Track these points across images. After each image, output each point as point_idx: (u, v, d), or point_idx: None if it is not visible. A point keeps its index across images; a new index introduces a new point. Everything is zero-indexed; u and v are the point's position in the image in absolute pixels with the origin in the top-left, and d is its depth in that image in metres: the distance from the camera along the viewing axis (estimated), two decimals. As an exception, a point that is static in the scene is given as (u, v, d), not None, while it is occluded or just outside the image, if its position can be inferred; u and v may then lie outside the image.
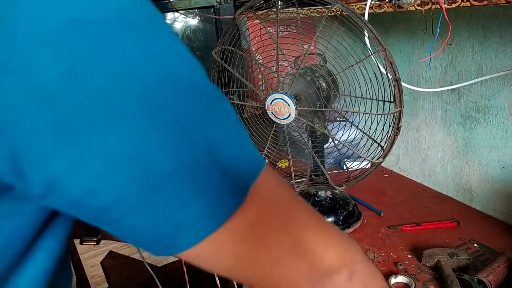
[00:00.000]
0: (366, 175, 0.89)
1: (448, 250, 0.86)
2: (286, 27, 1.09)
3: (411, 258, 0.89)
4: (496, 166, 0.99)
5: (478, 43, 0.94)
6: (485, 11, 0.91)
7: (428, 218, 1.03)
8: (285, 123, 0.90)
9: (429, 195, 1.15)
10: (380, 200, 1.14)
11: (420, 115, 1.16)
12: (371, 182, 1.24)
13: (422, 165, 1.21)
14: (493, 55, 0.92)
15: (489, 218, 1.01)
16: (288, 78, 0.89)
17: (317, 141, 0.98)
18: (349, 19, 0.75)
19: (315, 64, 0.95)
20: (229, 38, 0.97)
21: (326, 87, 0.90)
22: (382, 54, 0.75)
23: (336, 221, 1.01)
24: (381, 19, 1.18)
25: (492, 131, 0.97)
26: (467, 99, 1.01)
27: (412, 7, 0.77)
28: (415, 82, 1.13)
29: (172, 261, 1.59)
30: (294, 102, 0.85)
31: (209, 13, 1.53)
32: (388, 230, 1.00)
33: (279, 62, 0.87)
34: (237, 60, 0.99)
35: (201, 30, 1.59)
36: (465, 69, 0.99)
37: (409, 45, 1.13)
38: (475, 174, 1.05)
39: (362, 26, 0.75)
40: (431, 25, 0.86)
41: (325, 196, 1.05)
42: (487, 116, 0.97)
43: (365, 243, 0.96)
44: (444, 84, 1.05)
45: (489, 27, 0.91)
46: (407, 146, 1.25)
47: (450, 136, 1.09)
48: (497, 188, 1.00)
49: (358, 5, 0.90)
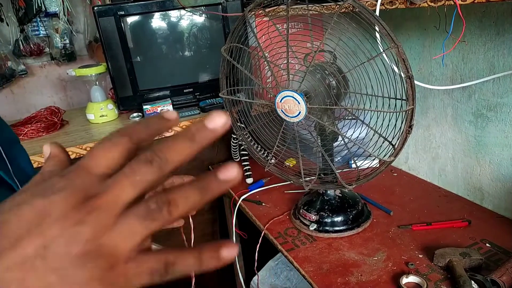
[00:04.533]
0: (377, 174, 0.88)
1: (459, 249, 0.85)
2: (295, 24, 1.08)
3: (422, 257, 0.88)
4: (508, 164, 0.98)
5: (491, 40, 0.93)
6: (498, 8, 0.89)
7: (439, 218, 1.02)
8: (295, 121, 0.89)
9: (439, 194, 1.14)
10: (389, 199, 1.13)
11: (430, 113, 1.15)
12: (380, 181, 1.23)
13: (432, 164, 1.20)
14: (506, 52, 0.91)
15: (501, 218, 1.00)
16: (298, 76, 0.88)
17: (326, 139, 0.97)
18: (360, 15, 0.74)
19: (325, 61, 0.94)
20: (238, 35, 0.96)
21: (337, 85, 0.89)
22: (394, 51, 0.74)
23: (346, 220, 1.00)
24: (390, 16, 1.16)
25: (505, 129, 0.96)
26: (479, 97, 1.00)
27: (425, 3, 0.76)
28: (426, 80, 1.12)
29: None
30: (305, 100, 0.84)
31: (217, 11, 1.52)
32: (398, 229, 0.99)
33: (288, 59, 0.86)
34: (245, 58, 0.98)
35: (208, 28, 1.58)
36: (477, 67, 0.98)
37: (419, 42, 1.11)
38: (487, 173, 1.04)
39: (374, 23, 0.74)
40: (444, 22, 0.85)
41: (334, 195, 1.04)
42: (499, 114, 0.96)
43: (375, 243, 0.95)
44: (455, 81, 1.04)
45: (502, 24, 0.89)
46: (417, 145, 1.23)
47: (460, 135, 1.08)
48: (509, 187, 0.99)
49: (369, 1, 0.89)
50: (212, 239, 1.69)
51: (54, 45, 2.21)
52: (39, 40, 2.18)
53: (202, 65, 1.62)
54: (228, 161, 1.61)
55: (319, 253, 0.94)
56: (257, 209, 1.18)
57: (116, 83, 1.54)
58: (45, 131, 1.52)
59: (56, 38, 2.20)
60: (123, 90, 1.55)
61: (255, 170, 1.36)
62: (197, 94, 1.62)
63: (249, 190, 1.28)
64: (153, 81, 1.58)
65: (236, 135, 1.11)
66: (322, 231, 1.00)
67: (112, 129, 1.50)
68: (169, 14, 1.53)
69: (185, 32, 1.57)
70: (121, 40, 1.48)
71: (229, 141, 1.43)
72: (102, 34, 1.46)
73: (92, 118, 1.60)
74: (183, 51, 1.60)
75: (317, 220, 1.01)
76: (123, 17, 1.47)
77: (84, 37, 2.32)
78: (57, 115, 1.59)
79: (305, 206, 1.06)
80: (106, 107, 1.60)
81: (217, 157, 1.56)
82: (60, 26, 2.17)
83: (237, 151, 1.41)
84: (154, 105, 1.51)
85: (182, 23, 1.56)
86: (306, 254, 0.94)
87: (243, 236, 1.40)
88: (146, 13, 1.51)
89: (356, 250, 0.93)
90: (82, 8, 2.26)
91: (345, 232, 1.00)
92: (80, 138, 1.43)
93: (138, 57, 1.54)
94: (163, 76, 1.59)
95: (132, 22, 1.51)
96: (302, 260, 0.92)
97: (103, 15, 1.44)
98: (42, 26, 2.16)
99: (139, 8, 1.48)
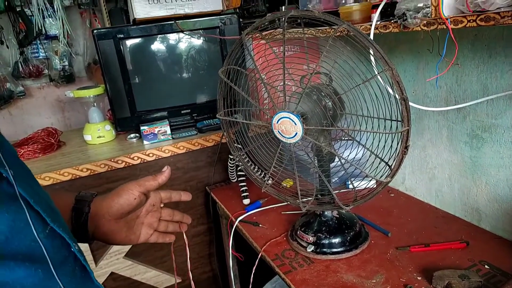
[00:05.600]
0: (374, 195, 0.88)
1: (458, 271, 0.84)
2: (291, 47, 1.11)
3: (421, 280, 0.87)
4: (504, 185, 0.98)
5: (483, 63, 0.95)
6: (489, 31, 0.92)
7: (437, 239, 1.01)
8: (292, 142, 0.89)
9: (437, 215, 1.14)
10: (387, 220, 1.13)
11: (425, 134, 1.16)
12: (377, 201, 1.23)
13: (428, 184, 1.20)
14: (498, 75, 0.92)
15: (499, 239, 1.00)
16: (294, 97, 0.89)
17: (323, 160, 0.97)
18: (355, 39, 0.76)
19: (321, 83, 0.95)
20: (235, 58, 0.98)
21: (333, 106, 0.90)
22: (389, 74, 0.75)
23: (343, 242, 1.00)
24: (385, 39, 1.19)
25: (500, 150, 0.96)
26: (473, 118, 1.01)
27: (418, 27, 0.78)
28: (420, 101, 1.13)
29: (173, 283, 1.56)
30: (301, 121, 0.85)
31: (214, 34, 1.55)
32: (397, 251, 0.98)
33: (285, 81, 0.87)
34: (242, 80, 0.99)
35: (206, 50, 1.61)
36: (471, 88, 0.99)
37: (413, 65, 1.13)
38: (483, 194, 1.04)
39: (369, 46, 0.75)
40: (437, 45, 0.86)
41: (331, 216, 1.03)
42: (494, 135, 0.97)
43: (373, 265, 0.94)
44: (449, 103, 1.05)
45: (494, 47, 0.91)
46: (413, 165, 1.24)
47: (456, 155, 1.08)
48: (506, 208, 0.99)
49: (363, 25, 0.91)
50: (209, 261, 1.67)
51: (53, 67, 2.23)
52: (39, 62, 2.20)
53: (200, 87, 1.64)
54: (225, 182, 1.62)
55: (317, 276, 0.93)
56: (254, 230, 1.17)
57: (114, 104, 1.55)
58: (42, 152, 1.52)
59: (55, 60, 2.22)
60: (121, 111, 1.56)
61: (252, 191, 1.36)
62: (195, 115, 1.63)
63: (246, 211, 1.28)
64: (151, 102, 1.59)
65: (233, 155, 1.11)
66: (319, 253, 0.99)
67: (109, 150, 1.50)
68: (168, 37, 1.56)
69: (183, 54, 1.59)
70: (120, 62, 1.50)
71: (226, 161, 1.44)
72: (101, 57, 1.48)
73: (89, 139, 1.61)
74: (181, 73, 1.62)
75: (315, 241, 1.01)
76: (122, 40, 1.49)
77: (83, 59, 2.35)
78: (54, 136, 1.59)
79: (302, 227, 1.05)
80: (103, 128, 1.61)
81: (214, 177, 1.56)
82: (60, 49, 2.20)
83: (234, 172, 1.41)
84: (152, 126, 1.52)
85: (180, 45, 1.59)
86: (304, 277, 0.93)
87: (240, 258, 1.38)
88: (145, 36, 1.53)
89: (354, 273, 0.92)
90: (81, 31, 2.30)
91: (343, 253, 0.99)
92: (77, 159, 1.43)
93: (136, 78, 1.56)
94: (161, 97, 1.60)
95: (131, 44, 1.53)
96: (299, 283, 0.91)
97: (103, 38, 1.46)
98: (41, 48, 2.19)
99: (139, 31, 1.51)
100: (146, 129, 1.51)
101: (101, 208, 0.68)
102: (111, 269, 1.46)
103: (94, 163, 1.36)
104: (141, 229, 0.73)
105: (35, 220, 0.43)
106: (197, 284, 1.18)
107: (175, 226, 0.79)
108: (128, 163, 1.41)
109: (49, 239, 0.44)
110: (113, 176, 1.41)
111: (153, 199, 0.74)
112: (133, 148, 1.48)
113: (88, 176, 1.36)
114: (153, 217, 0.75)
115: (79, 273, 0.49)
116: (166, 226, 0.77)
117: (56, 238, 0.46)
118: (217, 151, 1.52)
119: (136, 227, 0.73)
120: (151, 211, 0.74)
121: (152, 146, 1.48)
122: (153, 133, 1.51)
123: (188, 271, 0.82)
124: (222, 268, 1.67)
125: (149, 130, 1.51)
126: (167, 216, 0.77)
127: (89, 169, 1.36)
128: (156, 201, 0.74)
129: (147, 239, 0.74)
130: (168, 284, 1.56)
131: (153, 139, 1.52)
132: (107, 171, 1.39)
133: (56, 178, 1.31)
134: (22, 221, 0.42)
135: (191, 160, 1.52)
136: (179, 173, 1.50)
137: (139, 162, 1.43)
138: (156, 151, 1.45)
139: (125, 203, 0.68)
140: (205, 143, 1.52)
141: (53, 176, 1.31)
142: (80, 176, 1.35)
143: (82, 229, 0.66)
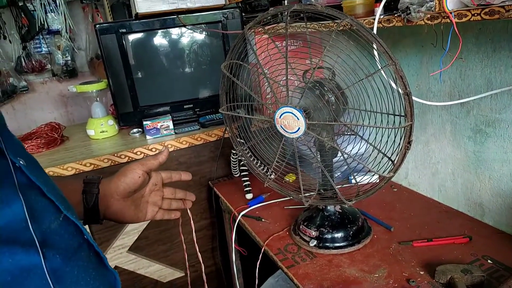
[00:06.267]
0: (377, 189, 0.88)
1: (461, 266, 0.84)
2: (293, 41, 1.10)
3: (424, 274, 0.87)
4: (508, 180, 0.98)
5: (487, 57, 0.94)
6: (494, 25, 0.91)
7: (439, 234, 1.01)
8: (294, 137, 0.89)
9: (440, 210, 1.14)
10: (389, 215, 1.13)
11: (429, 129, 1.15)
12: (380, 196, 1.23)
13: (431, 179, 1.20)
14: (502, 69, 0.92)
15: (502, 234, 0.99)
16: (297, 92, 0.89)
17: (326, 155, 0.97)
18: (358, 33, 0.75)
19: (323, 78, 0.95)
20: (237, 52, 0.97)
21: (335, 101, 0.89)
22: (392, 68, 0.74)
23: (346, 236, 1.00)
24: (388, 33, 1.18)
25: (503, 145, 0.96)
26: (477, 113, 1.00)
27: (422, 21, 0.77)
28: (424, 96, 1.13)
29: (177, 277, 1.57)
30: (304, 116, 0.85)
31: (217, 28, 1.55)
32: (399, 245, 0.99)
33: (287, 76, 0.87)
34: (245, 75, 0.99)
35: (208, 45, 1.60)
36: (474, 83, 0.99)
37: (417, 59, 1.13)
38: (487, 189, 1.03)
39: (372, 41, 0.75)
40: (441, 39, 0.86)
41: (334, 211, 1.03)
42: (498, 129, 0.96)
43: (376, 259, 0.94)
44: (453, 97, 1.05)
45: (498, 41, 0.91)
46: (416, 160, 1.23)
47: (460, 150, 1.08)
48: (509, 203, 0.98)
49: (367, 19, 0.90)
50: (212, 256, 1.68)
51: (55, 62, 2.23)
52: (41, 57, 2.20)
53: (202, 82, 1.63)
54: (228, 176, 1.61)
55: (320, 270, 0.93)
56: (257, 225, 1.18)
57: (116, 99, 1.55)
58: (45, 146, 1.52)
59: (58, 55, 2.22)
60: (123, 106, 1.56)
61: (255, 186, 1.36)
62: (197, 110, 1.63)
63: (249, 206, 1.28)
64: (153, 97, 1.59)
65: (236, 150, 1.11)
66: (322, 248, 1.00)
67: (112, 145, 1.50)
68: (170, 32, 1.55)
69: (185, 49, 1.59)
70: (122, 57, 1.50)
71: (228, 156, 1.44)
72: (104, 51, 1.48)
73: (93, 134, 1.61)
74: (183, 68, 1.62)
75: (317, 236, 1.01)
76: (125, 34, 1.49)
77: (85, 54, 2.35)
78: (58, 131, 1.60)
79: (305, 222, 1.05)
80: (106, 123, 1.61)
81: (216, 172, 1.56)
82: (62, 43, 2.20)
83: (237, 167, 1.41)
84: (154, 121, 1.52)
85: (182, 40, 1.58)
86: (307, 271, 0.93)
87: (243, 253, 1.38)
88: (147, 31, 1.53)
89: (357, 267, 0.93)
90: (84, 25, 2.30)
91: (346, 248, 0.99)
92: (80, 154, 1.43)
93: (139, 73, 1.55)
94: (164, 92, 1.60)
95: (134, 39, 1.53)
96: (302, 277, 0.91)
97: (105, 33, 1.46)
98: (44, 43, 2.19)
99: (141, 25, 1.50)
100: (148, 124, 1.51)
101: (109, 188, 0.73)
102: (115, 263, 1.47)
103: (98, 158, 1.37)
104: (147, 207, 0.79)
105: (49, 208, 0.46)
106: (200, 278, 1.18)
107: (178, 203, 0.84)
108: (131, 158, 1.41)
109: (63, 226, 0.47)
110: (116, 170, 1.40)
111: (155, 179, 0.79)
112: (136, 143, 1.49)
113: (91, 171, 1.36)
114: (156, 195, 0.80)
115: (94, 259, 0.52)
116: (169, 204, 0.82)
117: (70, 225, 0.49)
118: (219, 146, 1.53)
119: (142, 205, 0.78)
120: (154, 190, 0.80)
121: (155, 141, 1.48)
122: (155, 128, 1.52)
123: (197, 252, 0.98)
124: (225, 262, 1.67)
125: (151, 125, 1.51)
126: (169, 194, 0.83)
127: (92, 164, 1.36)
128: (158, 181, 0.80)
129: (153, 216, 0.80)
130: (172, 278, 1.57)
131: (155, 134, 1.52)
132: (110, 165, 1.39)
133: (59, 172, 1.32)
134: (37, 209, 0.44)
135: (193, 155, 1.53)
136: (181, 168, 1.51)
137: (142, 156, 1.43)
138: (158, 146, 1.45)
139: (131, 182, 0.73)
140: (208, 138, 1.52)
141: (56, 170, 1.31)
142: (83, 171, 1.35)
143: (93, 210, 0.71)
